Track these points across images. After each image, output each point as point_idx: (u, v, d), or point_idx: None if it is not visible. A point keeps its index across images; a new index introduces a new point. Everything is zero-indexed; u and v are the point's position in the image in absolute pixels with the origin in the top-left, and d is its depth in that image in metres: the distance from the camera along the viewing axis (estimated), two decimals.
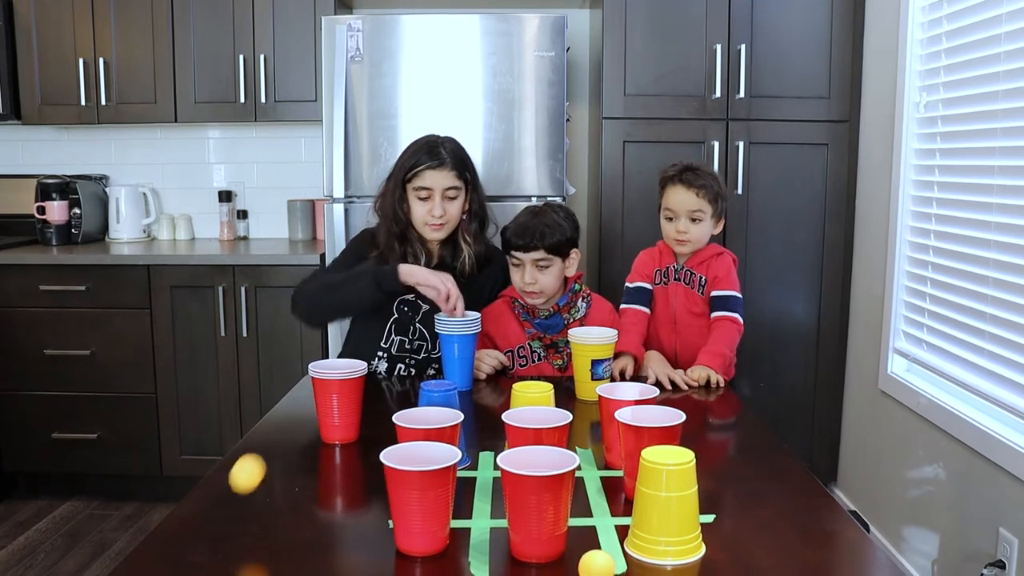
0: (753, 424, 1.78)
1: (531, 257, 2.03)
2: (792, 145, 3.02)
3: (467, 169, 2.12)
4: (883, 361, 2.76)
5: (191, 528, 1.24)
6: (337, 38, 2.87)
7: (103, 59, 3.31)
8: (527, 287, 2.05)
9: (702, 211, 2.12)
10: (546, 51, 2.89)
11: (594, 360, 1.82)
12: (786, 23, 2.97)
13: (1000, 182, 2.15)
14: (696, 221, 2.12)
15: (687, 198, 2.12)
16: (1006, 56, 2.13)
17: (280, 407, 1.85)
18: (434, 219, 2.06)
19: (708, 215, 2.13)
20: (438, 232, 2.09)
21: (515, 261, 2.07)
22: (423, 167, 2.04)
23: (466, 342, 1.90)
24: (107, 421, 3.21)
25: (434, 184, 2.05)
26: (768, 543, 1.19)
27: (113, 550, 2.85)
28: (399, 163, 2.10)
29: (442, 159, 2.05)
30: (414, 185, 2.06)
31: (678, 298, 2.17)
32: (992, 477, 2.11)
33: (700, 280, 2.15)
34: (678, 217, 2.13)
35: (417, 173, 2.04)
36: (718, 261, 2.15)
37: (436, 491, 1.10)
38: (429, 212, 2.05)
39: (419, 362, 2.13)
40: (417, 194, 2.07)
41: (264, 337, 3.15)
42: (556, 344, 2.10)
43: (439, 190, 2.05)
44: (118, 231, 3.55)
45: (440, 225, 2.07)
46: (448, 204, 2.07)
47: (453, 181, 2.07)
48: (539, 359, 2.10)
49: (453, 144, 2.12)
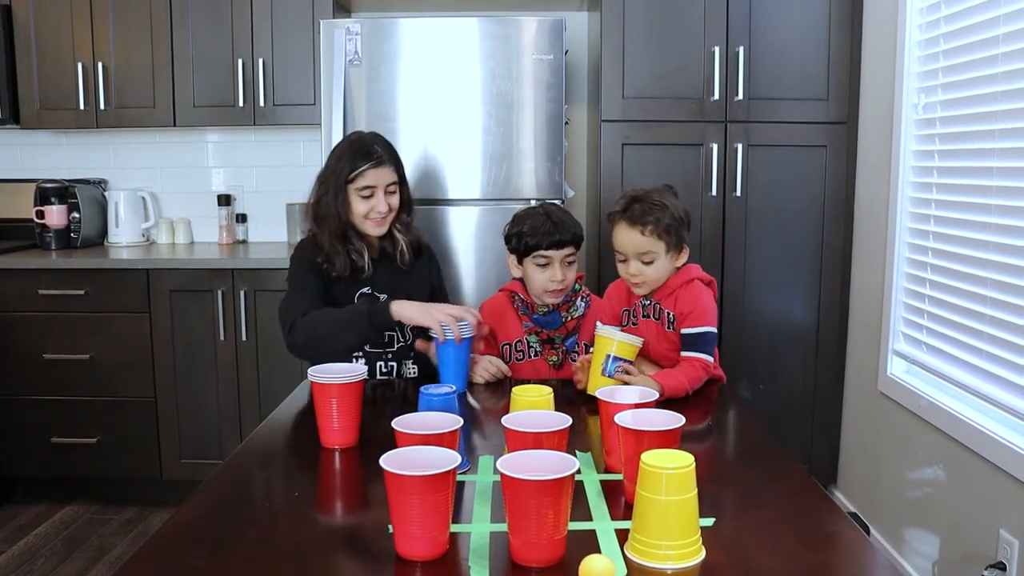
0: (753, 426, 1.78)
1: (562, 254, 2.05)
2: (791, 147, 3.02)
3: (399, 163, 2.19)
4: (882, 363, 2.76)
5: (191, 532, 1.24)
6: (335, 42, 2.87)
7: (102, 63, 3.31)
8: (559, 285, 2.06)
9: (652, 251, 1.92)
10: (544, 54, 2.89)
11: (608, 354, 1.82)
12: (784, 25, 2.97)
13: (999, 183, 2.15)
14: (649, 263, 1.93)
15: (632, 238, 1.92)
16: (1004, 57, 2.13)
17: (280, 411, 1.85)
18: (379, 215, 2.12)
19: (662, 252, 1.92)
20: (381, 227, 2.15)
21: (541, 261, 2.06)
22: (366, 167, 2.10)
23: (462, 346, 1.91)
24: (106, 425, 3.20)
25: (377, 181, 2.11)
26: (768, 545, 1.19)
27: (113, 554, 2.85)
28: (334, 167, 2.13)
29: (380, 157, 2.12)
30: (357, 186, 2.11)
31: (650, 337, 1.96)
32: (992, 478, 2.11)
33: (668, 316, 1.96)
34: (628, 259, 1.94)
35: (360, 173, 2.10)
36: (686, 292, 1.95)
37: (436, 495, 1.10)
38: (374, 209, 2.11)
39: (396, 354, 2.16)
40: (360, 193, 2.11)
41: (263, 341, 3.15)
42: (552, 340, 2.11)
43: (381, 187, 2.12)
44: (117, 235, 3.55)
45: (383, 219, 2.14)
46: (390, 198, 2.14)
47: (392, 176, 2.14)
48: (536, 354, 2.12)
49: (383, 140, 2.18)
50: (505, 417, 1.35)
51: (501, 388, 2.00)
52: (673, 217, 1.92)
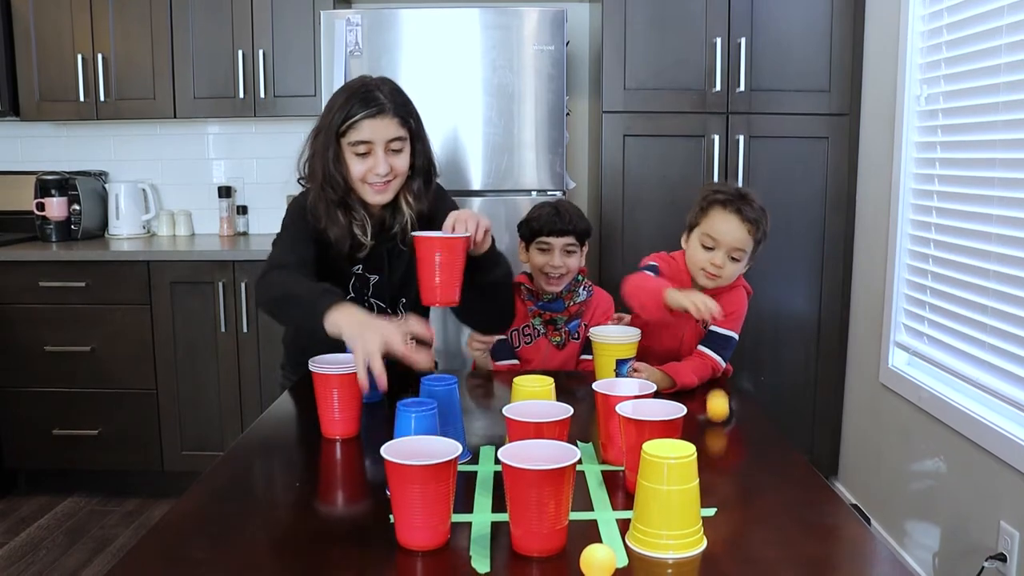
0: (754, 418, 1.78)
1: (562, 242, 2.13)
2: (792, 139, 3.02)
3: (411, 115, 1.79)
4: (884, 354, 2.76)
5: (192, 523, 1.24)
6: (336, 33, 2.86)
7: (102, 55, 3.31)
8: (555, 271, 2.13)
9: (745, 251, 1.86)
10: (546, 45, 2.88)
11: (619, 360, 1.80)
12: (786, 16, 2.96)
13: (1001, 175, 2.15)
14: (735, 260, 1.87)
15: (738, 231, 1.84)
16: (1007, 48, 2.12)
17: (280, 402, 1.85)
18: (378, 178, 1.74)
19: (747, 256, 1.88)
20: (382, 193, 1.77)
21: (543, 246, 2.15)
22: (359, 117, 1.71)
23: None
24: (108, 417, 3.21)
25: (374, 136, 1.72)
26: (769, 536, 1.19)
27: (115, 546, 2.85)
28: (328, 115, 1.75)
29: (381, 105, 1.72)
30: (350, 140, 1.73)
31: (687, 331, 1.95)
32: (993, 470, 2.11)
33: None
34: (718, 248, 1.86)
35: (353, 125, 1.71)
36: (730, 294, 1.92)
37: (437, 485, 1.10)
38: (371, 170, 1.73)
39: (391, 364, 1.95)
40: (354, 149, 1.74)
41: (264, 332, 3.15)
42: (555, 321, 2.20)
43: (381, 143, 1.73)
44: (118, 227, 3.54)
45: (385, 184, 1.76)
46: (393, 158, 1.75)
47: (396, 131, 1.74)
48: (539, 335, 2.20)
49: (391, 86, 1.79)
50: (506, 407, 1.35)
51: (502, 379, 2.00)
52: (768, 227, 1.90)
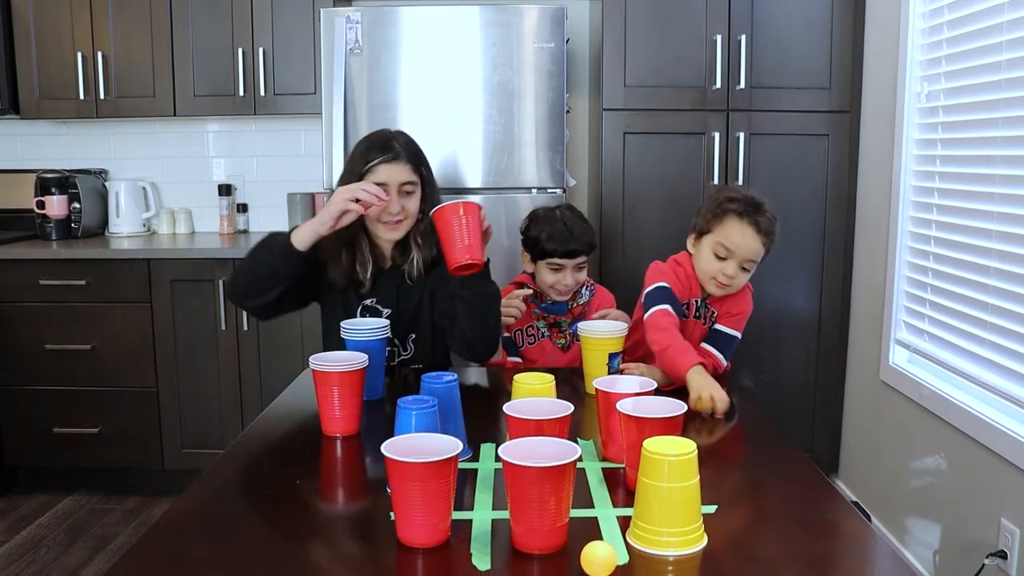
0: (754, 415, 1.78)
1: (575, 262, 2.15)
2: (793, 136, 3.01)
3: (422, 164, 2.02)
4: (884, 352, 2.76)
5: (192, 521, 1.24)
6: (336, 30, 2.86)
7: (101, 53, 3.30)
8: (568, 289, 2.15)
9: (756, 262, 1.87)
10: (546, 42, 2.88)
11: (611, 353, 1.81)
12: (786, 13, 2.96)
13: (1002, 172, 2.15)
14: (746, 270, 1.88)
15: (753, 243, 1.85)
16: (1008, 45, 2.12)
17: (281, 400, 1.85)
18: (391, 216, 1.95)
19: (757, 264, 1.90)
20: (395, 231, 1.97)
21: (554, 266, 2.15)
22: (377, 161, 1.94)
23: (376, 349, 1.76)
24: (108, 415, 3.21)
25: (389, 178, 1.94)
26: (770, 533, 1.19)
27: (115, 544, 2.86)
28: (350, 164, 2.01)
29: (396, 152, 1.96)
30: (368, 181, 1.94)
31: (693, 337, 1.95)
32: (994, 467, 2.11)
33: (712, 315, 1.98)
34: (732, 258, 1.86)
35: (371, 168, 1.94)
36: (737, 297, 1.96)
37: (437, 482, 1.10)
38: (386, 209, 1.94)
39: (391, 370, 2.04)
40: None
41: (265, 330, 3.15)
42: (559, 324, 2.21)
43: (395, 185, 1.94)
44: (118, 225, 3.54)
45: (398, 223, 1.97)
46: (405, 200, 1.96)
47: (409, 175, 1.97)
48: (543, 336, 2.21)
49: (406, 138, 2.03)
50: (507, 404, 1.35)
51: (502, 376, 2.00)
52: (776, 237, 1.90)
